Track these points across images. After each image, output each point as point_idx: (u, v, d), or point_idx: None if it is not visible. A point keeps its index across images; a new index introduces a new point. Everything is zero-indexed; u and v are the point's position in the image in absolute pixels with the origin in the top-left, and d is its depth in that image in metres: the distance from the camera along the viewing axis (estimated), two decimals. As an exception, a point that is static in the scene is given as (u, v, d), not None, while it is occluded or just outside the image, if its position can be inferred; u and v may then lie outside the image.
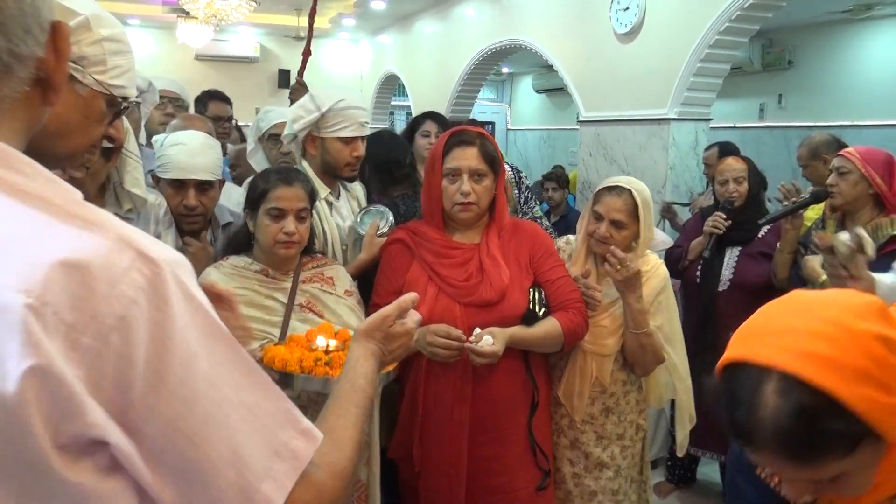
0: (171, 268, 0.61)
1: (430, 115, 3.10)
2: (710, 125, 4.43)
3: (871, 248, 1.67)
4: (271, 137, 2.57)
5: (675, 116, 4.24)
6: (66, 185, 0.67)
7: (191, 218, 2.08)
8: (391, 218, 2.20)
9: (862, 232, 1.68)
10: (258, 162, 2.62)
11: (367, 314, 1.91)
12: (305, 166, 2.21)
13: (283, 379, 1.50)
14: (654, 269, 2.19)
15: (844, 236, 1.68)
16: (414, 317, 1.12)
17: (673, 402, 2.37)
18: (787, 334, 0.80)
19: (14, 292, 0.55)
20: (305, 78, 3.60)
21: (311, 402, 1.77)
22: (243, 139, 3.74)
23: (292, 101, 3.00)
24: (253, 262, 1.87)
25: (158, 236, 1.98)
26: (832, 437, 0.77)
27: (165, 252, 0.63)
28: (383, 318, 1.09)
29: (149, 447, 0.60)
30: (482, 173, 1.91)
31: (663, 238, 3.39)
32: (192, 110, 3.39)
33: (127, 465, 0.59)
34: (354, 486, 1.84)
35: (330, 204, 2.23)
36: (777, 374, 0.78)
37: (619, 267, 1.99)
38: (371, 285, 2.05)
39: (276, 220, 1.80)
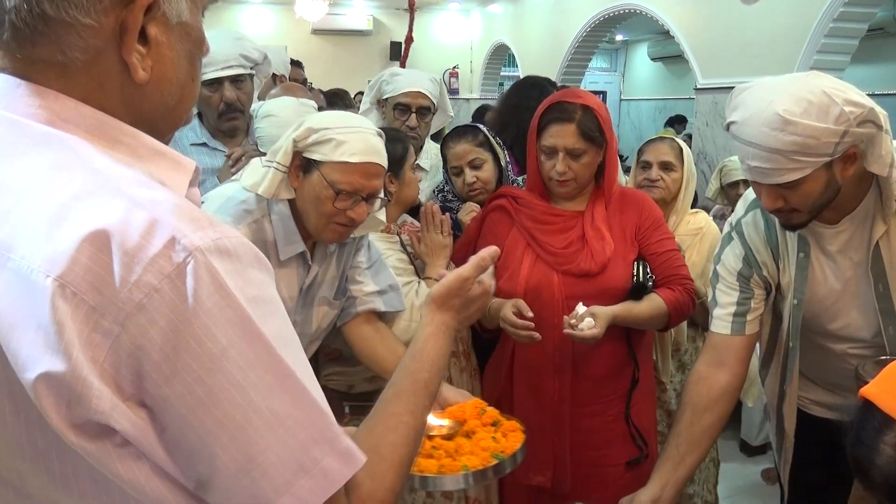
0: (205, 257, 0.58)
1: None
2: (843, 91, 4.11)
3: None
4: (398, 107, 2.36)
5: (802, 82, 3.96)
6: (175, 158, 0.68)
7: None
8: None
9: None
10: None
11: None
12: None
13: (422, 482, 1.30)
14: (707, 226, 2.26)
15: None
16: (489, 271, 0.98)
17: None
18: None
19: (39, 271, 0.56)
20: (416, 47, 3.53)
21: None
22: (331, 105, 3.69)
23: None
24: None
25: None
26: None
27: (208, 238, 0.59)
28: (462, 280, 0.94)
29: (167, 436, 0.59)
30: (580, 151, 1.82)
31: None
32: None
33: (143, 450, 0.59)
34: None
35: None
36: None
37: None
38: None
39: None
